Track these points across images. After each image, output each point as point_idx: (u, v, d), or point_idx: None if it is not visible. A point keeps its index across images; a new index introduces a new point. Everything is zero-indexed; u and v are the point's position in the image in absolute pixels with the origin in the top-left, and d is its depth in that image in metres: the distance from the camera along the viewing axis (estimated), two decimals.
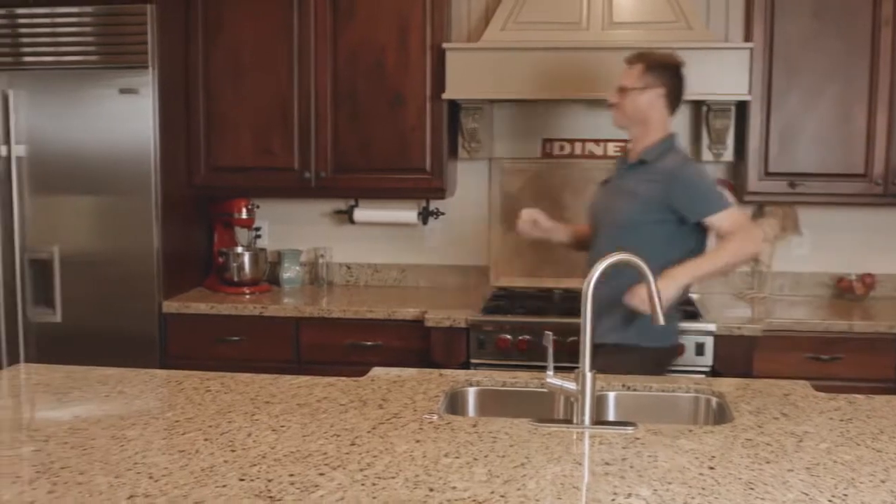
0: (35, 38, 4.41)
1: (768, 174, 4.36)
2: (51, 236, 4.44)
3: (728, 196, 3.80)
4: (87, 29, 4.36)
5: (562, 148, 4.77)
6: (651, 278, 2.55)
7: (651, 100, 3.50)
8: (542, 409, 2.75)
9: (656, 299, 2.57)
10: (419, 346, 4.19)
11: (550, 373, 2.53)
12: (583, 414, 2.44)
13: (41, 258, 4.45)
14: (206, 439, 2.29)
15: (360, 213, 4.84)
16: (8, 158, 4.40)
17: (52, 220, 4.43)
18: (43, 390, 2.80)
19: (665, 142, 3.52)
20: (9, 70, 4.40)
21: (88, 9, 4.34)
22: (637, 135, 3.57)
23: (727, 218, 3.38)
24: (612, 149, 4.71)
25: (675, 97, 3.55)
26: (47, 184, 4.42)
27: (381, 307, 4.31)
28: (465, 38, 4.74)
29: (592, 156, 4.74)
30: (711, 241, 3.51)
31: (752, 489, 1.98)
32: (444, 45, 4.33)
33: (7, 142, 4.39)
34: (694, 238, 3.45)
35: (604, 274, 2.51)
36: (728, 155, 4.57)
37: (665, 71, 3.53)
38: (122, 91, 4.31)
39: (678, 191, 3.40)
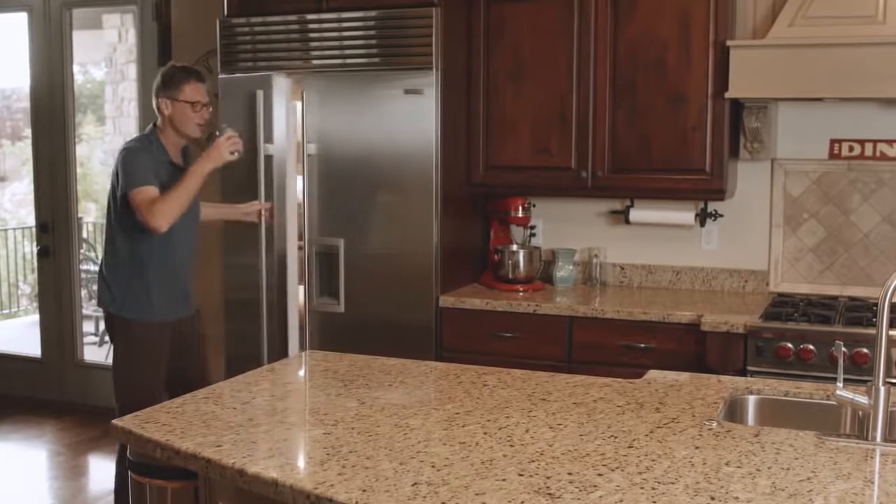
0: (323, 41, 4.63)
1: None
2: (337, 230, 4.65)
3: None
4: (372, 32, 4.53)
5: (851, 149, 4.54)
6: None
7: None
8: (827, 422, 2.62)
9: None
10: (694, 350, 4.10)
11: (840, 384, 2.41)
12: (875, 430, 2.31)
13: (327, 251, 4.67)
14: (484, 433, 2.33)
15: (636, 214, 4.79)
16: (300, 156, 4.64)
17: (338, 215, 4.64)
18: (330, 377, 2.93)
19: None
20: (301, 72, 4.64)
21: (374, 13, 4.51)
22: None
23: None
24: None
25: None
26: (335, 180, 4.63)
27: (654, 309, 4.25)
28: (750, 35, 4.58)
29: (885, 157, 4.48)
30: None
31: None
32: (729, 43, 4.21)
33: (301, 140, 4.63)
34: None
35: None
36: None
37: None
38: (407, 92, 4.45)
39: None
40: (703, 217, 4.72)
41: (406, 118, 4.47)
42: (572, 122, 4.57)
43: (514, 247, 4.87)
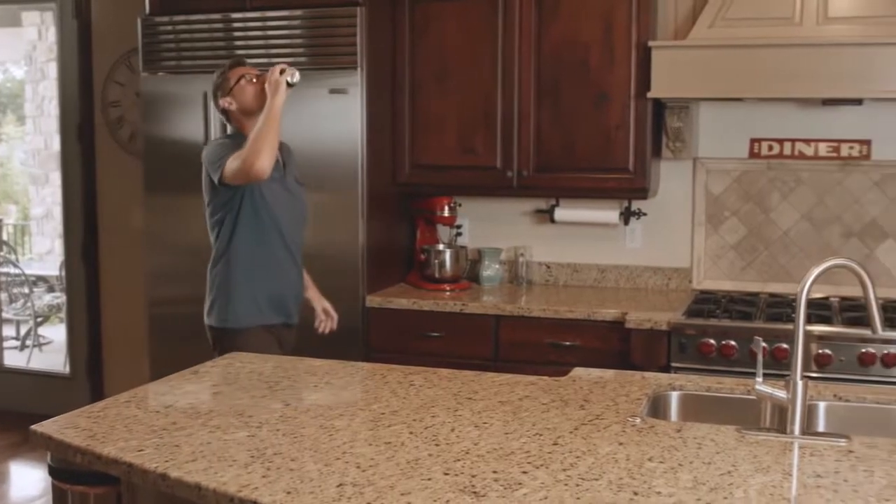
0: (248, 41, 4.59)
1: None
2: None
3: None
4: (297, 32, 4.51)
5: (770, 148, 4.63)
6: None
7: None
8: (747, 417, 2.66)
9: None
10: (618, 347, 4.14)
11: (759, 379, 2.45)
12: (793, 423, 2.36)
13: None
14: (410, 432, 2.33)
15: (561, 213, 4.83)
16: None
17: None
18: (255, 379, 2.91)
19: None
20: None
21: (299, 12, 4.49)
22: None
23: None
24: (823, 149, 4.53)
25: None
26: None
27: (580, 307, 4.29)
28: (672, 36, 4.65)
29: (803, 156, 4.58)
30: None
31: None
32: (651, 43, 4.27)
33: None
34: None
35: None
36: None
37: None
38: (332, 91, 4.44)
39: None
40: (626, 216, 4.77)
41: (331, 118, 4.46)
42: (497, 122, 4.59)
43: (441, 246, 4.88)
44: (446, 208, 4.88)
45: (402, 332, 4.48)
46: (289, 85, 3.57)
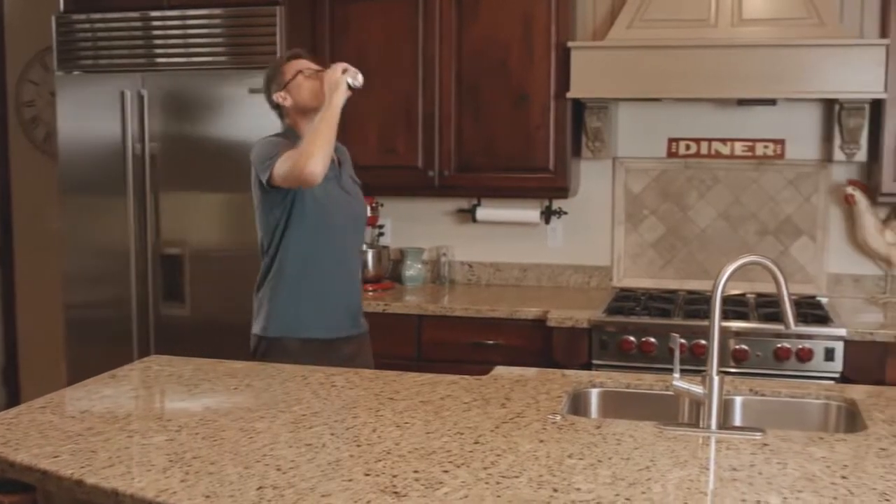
0: (167, 39, 4.54)
1: None
2: (181, 232, 4.56)
3: None
4: (217, 31, 4.47)
5: (688, 147, 4.70)
6: None
7: None
8: (666, 412, 2.71)
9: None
10: (540, 346, 4.17)
11: (677, 375, 2.49)
12: (709, 418, 2.40)
13: (172, 253, 4.58)
14: (331, 434, 2.32)
15: (483, 212, 4.85)
16: (142, 156, 4.54)
17: (183, 217, 4.56)
18: (174, 382, 2.88)
19: None
20: (143, 71, 4.54)
21: (218, 11, 4.46)
22: None
23: None
24: (739, 148, 4.62)
25: None
26: (178, 181, 4.55)
27: (502, 306, 4.31)
28: (591, 37, 4.70)
29: (719, 155, 4.66)
30: None
31: (887, 500, 1.91)
32: (570, 44, 4.31)
33: (141, 140, 4.53)
34: None
35: None
36: (861, 155, 4.44)
37: None
38: (252, 91, 4.40)
39: None
40: (547, 215, 4.81)
41: (252, 117, 4.41)
42: (418, 122, 4.60)
43: (363, 246, 4.86)
44: (368, 208, 4.86)
45: None
46: (350, 87, 3.30)
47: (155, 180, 4.55)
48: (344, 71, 3.30)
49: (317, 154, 3.16)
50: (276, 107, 3.49)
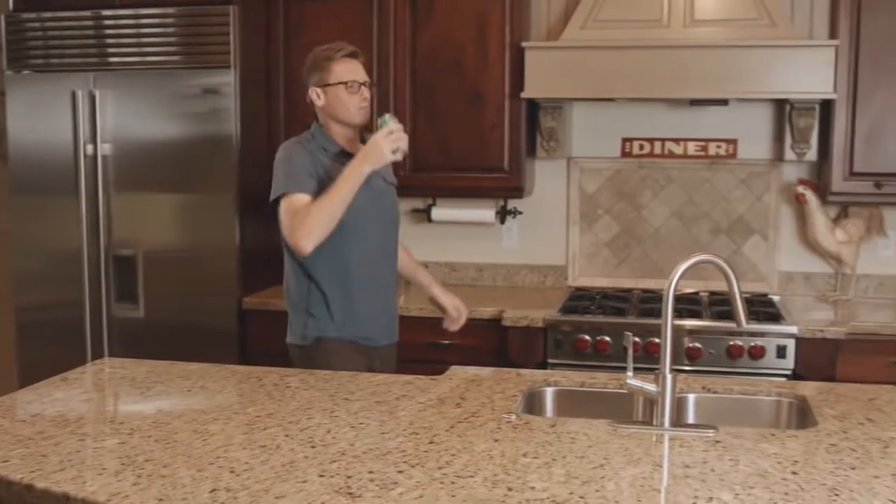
0: (120, 38, 4.50)
1: (853, 174, 4.27)
2: (134, 233, 4.52)
3: None
4: (171, 30, 4.44)
5: (641, 147, 4.73)
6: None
7: None
8: (621, 410, 2.72)
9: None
10: (496, 345, 4.18)
11: (630, 374, 2.51)
12: (662, 416, 2.42)
13: (125, 255, 4.54)
14: (286, 435, 2.32)
15: (438, 212, 4.86)
16: (94, 157, 4.50)
17: (136, 218, 4.52)
18: (127, 384, 2.85)
19: None
20: (95, 71, 4.49)
21: (171, 10, 4.42)
22: None
23: None
24: (692, 148, 4.66)
25: None
26: (131, 182, 4.51)
27: None
28: (545, 37, 4.72)
29: (672, 155, 4.69)
30: None
31: (836, 495, 1.94)
32: (524, 44, 4.32)
33: (93, 141, 4.49)
34: None
35: None
36: (812, 154, 4.50)
37: None
38: (205, 91, 4.38)
39: None
40: (503, 214, 4.82)
41: (205, 117, 4.40)
42: (373, 122, 4.58)
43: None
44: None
45: (279, 334, 4.41)
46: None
47: (107, 181, 4.51)
48: (389, 133, 3.11)
49: (315, 234, 3.08)
50: (310, 100, 3.34)
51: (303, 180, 3.16)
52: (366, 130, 3.41)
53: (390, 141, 3.10)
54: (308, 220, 3.08)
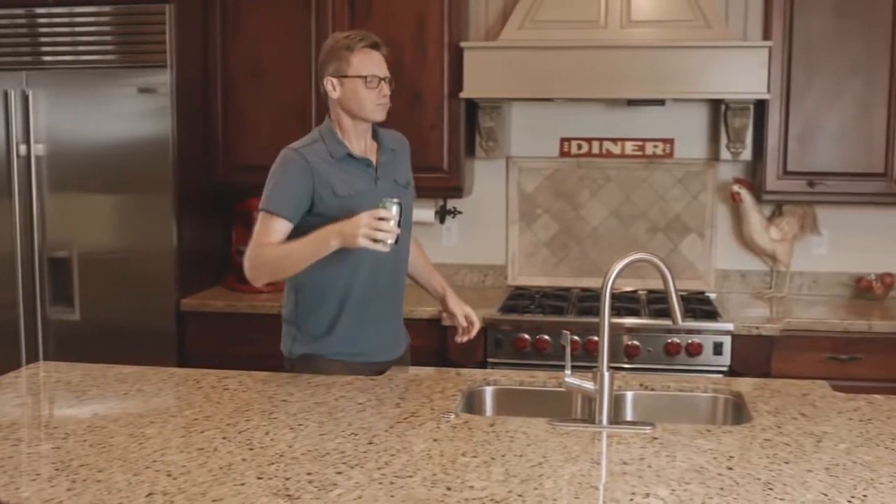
0: (54, 37, 4.43)
1: (787, 173, 4.33)
2: (69, 235, 4.46)
3: None
4: (106, 28, 4.38)
5: (580, 147, 4.76)
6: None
7: None
8: (560, 408, 2.74)
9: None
10: (436, 345, 4.18)
11: (568, 372, 2.52)
12: (600, 414, 2.44)
13: (60, 256, 4.47)
14: (224, 437, 2.30)
15: None
16: (27, 157, 4.42)
17: (71, 219, 4.45)
18: (62, 388, 2.81)
19: None
20: (28, 69, 4.42)
21: (107, 8, 4.36)
22: None
23: None
24: (629, 148, 4.70)
25: None
26: (66, 182, 4.44)
27: None
28: (483, 37, 4.73)
29: (610, 154, 4.73)
30: None
31: (770, 489, 1.97)
32: (462, 44, 4.33)
33: (26, 141, 4.41)
34: None
35: None
36: (747, 154, 4.55)
37: None
38: (141, 90, 4.33)
39: None
40: (442, 214, 4.82)
41: (141, 117, 4.35)
42: (312, 121, 4.55)
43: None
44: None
45: (218, 336, 4.40)
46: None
47: (41, 181, 4.43)
48: (377, 219, 2.74)
49: (260, 278, 2.95)
50: (324, 91, 3.10)
51: (284, 202, 2.96)
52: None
53: (370, 227, 2.72)
54: (259, 262, 2.91)
